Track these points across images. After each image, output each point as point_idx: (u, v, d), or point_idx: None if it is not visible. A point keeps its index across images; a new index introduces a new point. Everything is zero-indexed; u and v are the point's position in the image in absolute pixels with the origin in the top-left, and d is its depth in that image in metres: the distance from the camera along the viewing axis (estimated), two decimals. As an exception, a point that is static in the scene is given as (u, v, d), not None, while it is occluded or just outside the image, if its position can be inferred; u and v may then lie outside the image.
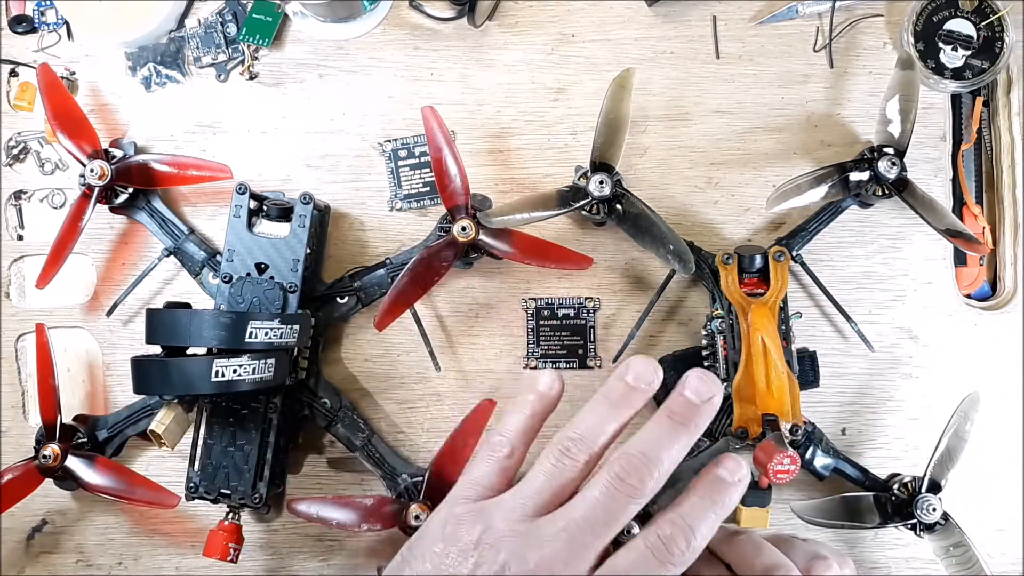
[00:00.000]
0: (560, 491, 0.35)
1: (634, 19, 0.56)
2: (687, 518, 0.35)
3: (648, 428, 0.35)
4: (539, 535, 0.33)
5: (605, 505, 0.34)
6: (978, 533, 0.49)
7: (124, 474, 0.52)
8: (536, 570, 0.33)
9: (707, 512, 0.35)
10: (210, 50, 0.56)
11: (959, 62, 0.55)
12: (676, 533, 0.34)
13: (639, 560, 0.34)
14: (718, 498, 0.35)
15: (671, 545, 0.34)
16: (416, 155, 0.55)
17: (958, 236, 0.51)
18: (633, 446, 0.35)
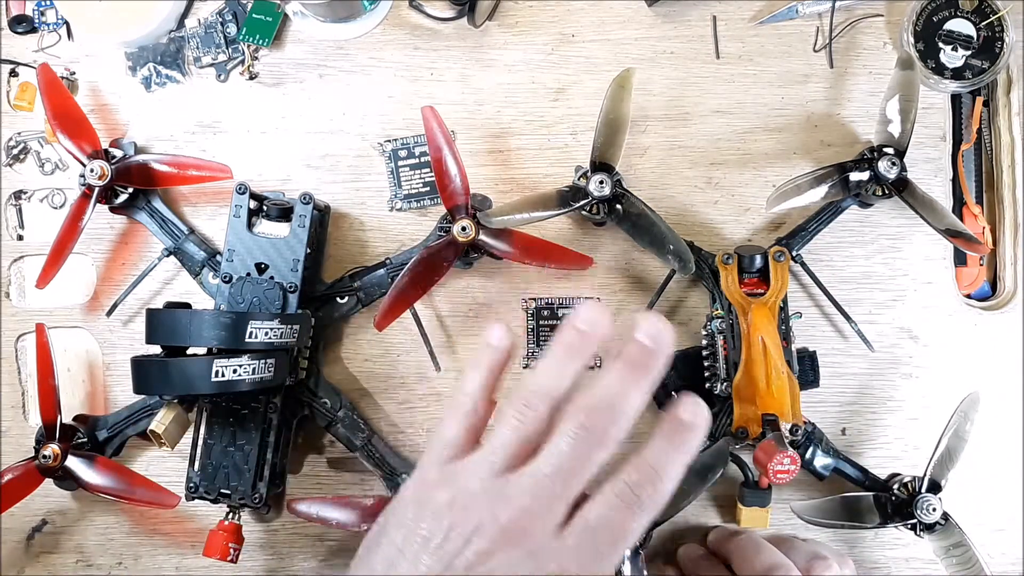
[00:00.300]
0: (526, 444, 0.35)
1: (634, 19, 0.56)
2: (652, 462, 0.35)
3: (606, 376, 0.35)
4: (509, 492, 0.34)
5: (572, 456, 0.34)
6: (978, 533, 0.49)
7: (124, 474, 0.52)
8: (509, 525, 0.33)
9: (671, 455, 0.35)
10: (210, 50, 0.56)
11: (959, 62, 0.55)
12: (643, 478, 0.34)
13: (609, 508, 0.34)
14: (680, 440, 0.35)
15: (638, 490, 0.34)
16: (416, 155, 0.55)
17: (958, 236, 0.51)
18: (595, 395, 0.35)
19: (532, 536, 0.33)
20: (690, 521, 0.54)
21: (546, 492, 0.34)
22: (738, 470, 0.52)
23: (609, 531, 0.34)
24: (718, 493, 0.54)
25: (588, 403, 0.35)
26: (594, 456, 0.34)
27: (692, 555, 0.52)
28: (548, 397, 0.35)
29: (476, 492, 0.34)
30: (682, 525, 0.54)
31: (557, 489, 0.34)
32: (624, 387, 0.35)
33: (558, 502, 0.34)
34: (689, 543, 0.54)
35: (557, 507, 0.34)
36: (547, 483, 0.34)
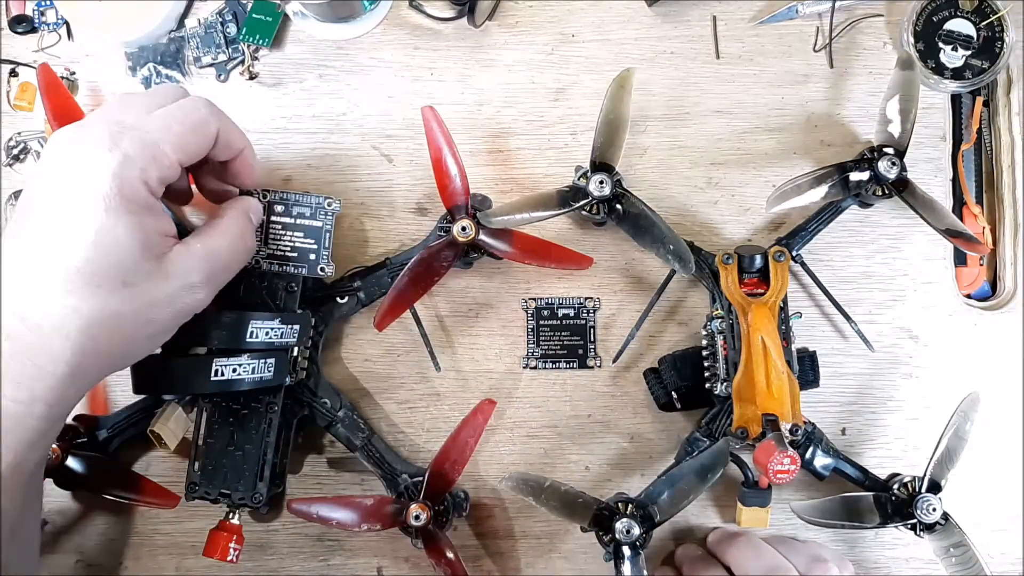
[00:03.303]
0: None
1: (634, 19, 0.56)
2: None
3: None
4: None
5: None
6: (978, 533, 0.49)
7: (124, 474, 0.52)
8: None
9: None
10: (210, 50, 0.56)
11: (959, 62, 0.55)
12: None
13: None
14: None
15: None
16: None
17: (958, 236, 0.51)
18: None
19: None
20: (690, 521, 0.54)
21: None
22: (738, 470, 0.52)
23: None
24: (718, 493, 0.54)
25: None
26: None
27: (690, 556, 0.52)
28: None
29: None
30: (682, 525, 0.54)
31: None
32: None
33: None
34: (688, 544, 0.54)
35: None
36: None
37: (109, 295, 0.38)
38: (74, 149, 0.39)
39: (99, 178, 0.37)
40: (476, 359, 0.55)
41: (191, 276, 0.41)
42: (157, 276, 0.39)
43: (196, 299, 0.42)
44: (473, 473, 0.55)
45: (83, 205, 0.37)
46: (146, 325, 0.40)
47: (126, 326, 0.39)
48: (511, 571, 0.54)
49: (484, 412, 0.51)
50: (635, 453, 0.55)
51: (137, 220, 0.38)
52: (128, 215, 0.38)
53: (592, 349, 0.55)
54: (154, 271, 0.39)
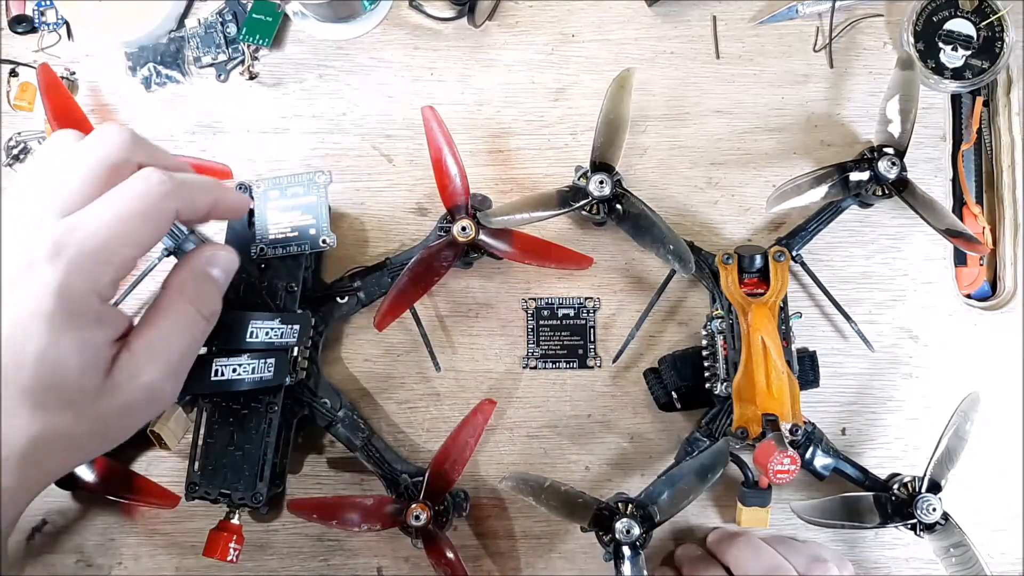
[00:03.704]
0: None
1: (634, 19, 0.56)
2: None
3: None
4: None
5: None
6: (978, 533, 0.49)
7: (124, 474, 0.52)
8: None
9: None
10: (210, 50, 0.56)
11: (959, 62, 0.55)
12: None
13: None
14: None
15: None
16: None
17: (958, 236, 0.51)
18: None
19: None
20: (690, 521, 0.54)
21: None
22: (738, 470, 0.52)
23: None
24: (718, 493, 0.54)
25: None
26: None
27: (690, 556, 0.52)
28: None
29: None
30: (682, 525, 0.54)
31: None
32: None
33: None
34: (687, 544, 0.54)
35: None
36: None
37: (56, 415, 0.35)
38: (11, 264, 0.34)
39: (41, 297, 0.33)
40: (476, 359, 0.55)
41: (142, 379, 0.37)
42: (105, 392, 0.36)
43: (157, 395, 0.38)
44: (473, 473, 0.55)
45: (25, 326, 0.34)
46: (102, 439, 0.38)
47: (80, 441, 0.36)
48: (511, 571, 0.54)
49: (484, 412, 0.51)
50: (635, 453, 0.55)
51: (82, 336, 0.35)
52: (74, 332, 0.34)
53: (592, 349, 0.55)
54: (101, 388, 0.36)
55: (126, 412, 0.37)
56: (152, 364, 0.37)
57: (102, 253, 0.35)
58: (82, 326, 0.35)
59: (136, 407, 0.38)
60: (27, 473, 0.35)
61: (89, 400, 0.36)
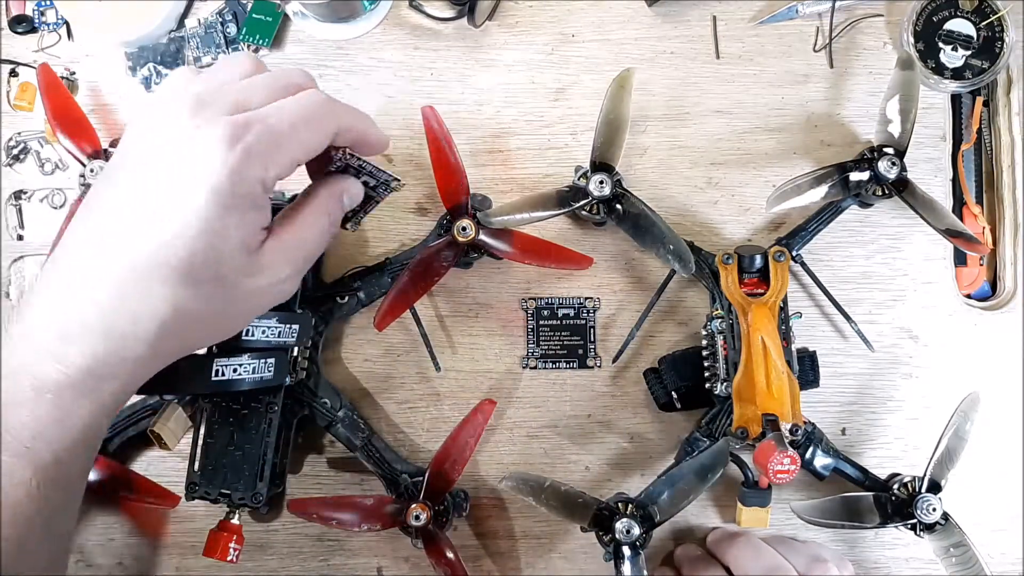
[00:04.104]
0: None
1: (634, 19, 0.56)
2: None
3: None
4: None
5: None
6: (978, 533, 0.49)
7: (124, 474, 0.52)
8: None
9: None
10: (210, 50, 0.56)
11: (959, 62, 0.55)
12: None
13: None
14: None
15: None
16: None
17: (958, 236, 0.51)
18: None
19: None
20: (690, 521, 0.54)
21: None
22: (738, 470, 0.52)
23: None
24: (718, 493, 0.54)
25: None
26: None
27: (690, 556, 0.52)
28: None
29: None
30: (682, 525, 0.54)
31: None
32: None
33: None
34: (687, 544, 0.54)
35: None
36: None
37: (203, 288, 0.37)
38: (189, 137, 0.37)
39: (215, 171, 0.36)
40: (476, 359, 0.55)
41: (282, 270, 0.40)
42: (251, 271, 0.38)
43: (283, 291, 0.41)
44: (473, 473, 0.55)
45: (193, 197, 0.36)
46: (233, 318, 0.40)
47: (212, 317, 0.39)
48: (511, 571, 0.54)
49: (484, 412, 0.51)
50: (635, 453, 0.55)
51: (245, 217, 0.37)
52: (238, 212, 0.37)
53: (592, 349, 0.55)
54: (249, 266, 0.38)
55: (257, 296, 0.40)
56: (292, 260, 0.40)
57: (275, 146, 0.37)
58: (245, 208, 0.37)
59: (266, 294, 0.40)
60: (167, 340, 0.38)
61: (235, 276, 0.38)
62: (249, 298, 0.39)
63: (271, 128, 0.37)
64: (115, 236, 0.37)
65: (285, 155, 0.38)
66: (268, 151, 0.37)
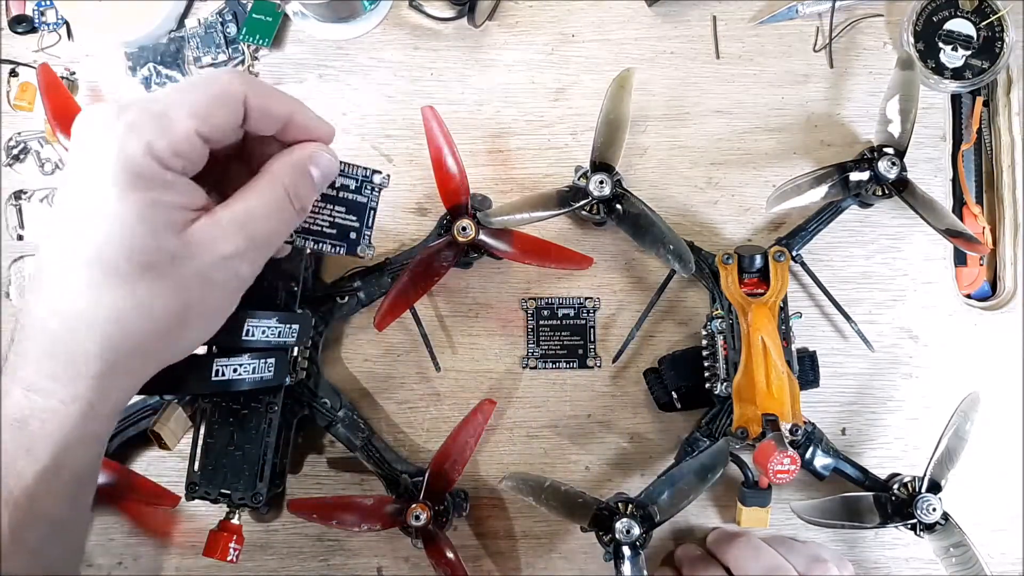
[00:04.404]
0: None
1: (634, 19, 0.56)
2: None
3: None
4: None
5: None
6: (978, 533, 0.49)
7: (124, 474, 0.52)
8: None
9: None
10: (210, 50, 0.56)
11: (959, 62, 0.55)
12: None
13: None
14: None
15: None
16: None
17: (958, 236, 0.51)
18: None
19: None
20: (690, 521, 0.54)
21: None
22: (738, 470, 0.52)
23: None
24: (718, 493, 0.54)
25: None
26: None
27: (690, 556, 0.52)
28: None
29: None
30: (682, 525, 0.54)
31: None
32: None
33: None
34: (687, 544, 0.54)
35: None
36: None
37: (133, 283, 0.34)
38: (83, 129, 0.35)
39: (104, 156, 0.34)
40: (476, 359, 0.55)
41: (221, 248, 0.36)
42: (182, 255, 0.35)
43: (236, 273, 0.37)
44: (473, 473, 0.55)
45: (92, 188, 0.34)
46: (183, 310, 0.36)
47: (159, 313, 0.35)
48: (511, 571, 0.54)
49: (484, 412, 0.51)
50: (635, 453, 0.55)
51: (148, 197, 0.34)
52: (137, 192, 0.34)
53: (592, 349, 0.55)
54: (178, 250, 0.35)
55: (206, 282, 0.36)
56: (234, 236, 0.36)
57: (160, 115, 0.35)
58: (147, 188, 0.34)
59: (215, 279, 0.37)
60: (118, 348, 0.35)
61: (165, 262, 0.35)
62: (196, 285, 0.36)
63: (154, 99, 0.35)
64: (54, 244, 0.35)
65: (178, 126, 0.35)
66: (154, 122, 0.34)
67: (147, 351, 0.37)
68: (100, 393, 0.35)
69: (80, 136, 0.35)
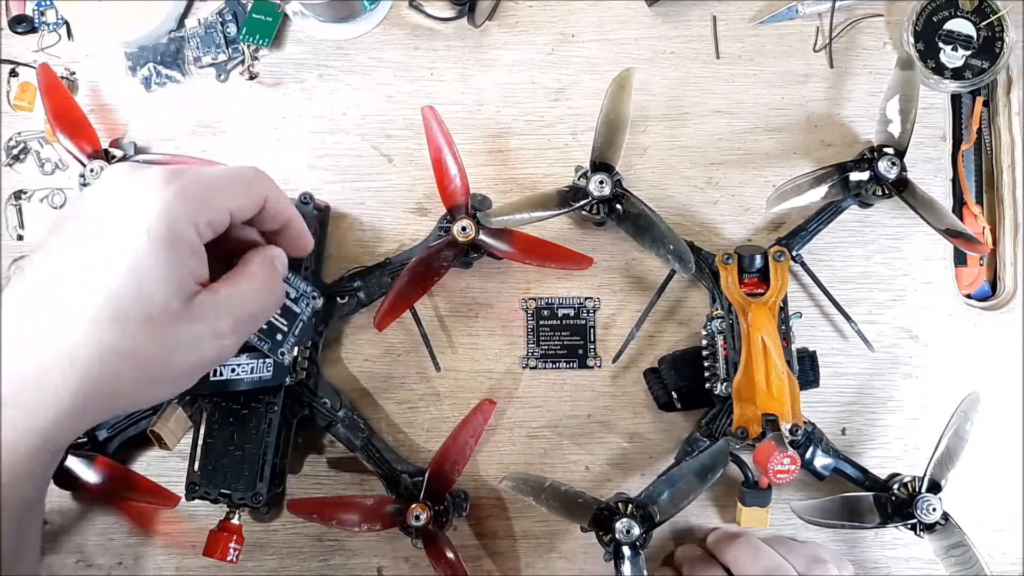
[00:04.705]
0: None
1: (634, 19, 0.56)
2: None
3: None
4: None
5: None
6: (978, 533, 0.49)
7: (124, 474, 0.52)
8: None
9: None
10: (210, 50, 0.56)
11: (959, 62, 0.55)
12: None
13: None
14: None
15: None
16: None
17: (958, 236, 0.51)
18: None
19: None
20: (690, 521, 0.54)
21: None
22: (738, 470, 0.52)
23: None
24: (718, 493, 0.54)
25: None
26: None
27: (690, 556, 0.52)
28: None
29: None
30: (682, 525, 0.54)
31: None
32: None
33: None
34: (687, 544, 0.54)
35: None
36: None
37: (132, 329, 0.36)
38: (126, 181, 0.37)
39: (149, 210, 0.36)
40: (476, 359, 0.55)
41: (218, 322, 0.39)
42: (183, 318, 0.37)
43: (223, 347, 0.40)
44: (473, 473, 0.55)
45: (125, 234, 0.36)
46: (165, 368, 0.38)
47: (143, 364, 0.37)
48: (511, 571, 0.54)
49: (484, 412, 0.51)
50: (635, 453, 0.55)
51: (177, 258, 0.36)
52: (169, 250, 0.36)
53: (592, 349, 0.55)
54: (181, 313, 0.37)
55: (194, 348, 0.38)
56: (228, 314, 0.39)
57: (207, 192, 0.38)
58: (178, 251, 0.37)
59: (204, 347, 0.39)
60: (94, 387, 0.36)
61: (167, 321, 0.37)
62: (184, 347, 0.38)
63: (204, 174, 0.39)
64: (52, 271, 0.36)
65: (218, 204, 0.38)
66: (201, 195, 0.37)
67: (116, 398, 0.37)
68: (59, 428, 0.36)
69: (121, 185, 0.37)
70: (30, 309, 0.36)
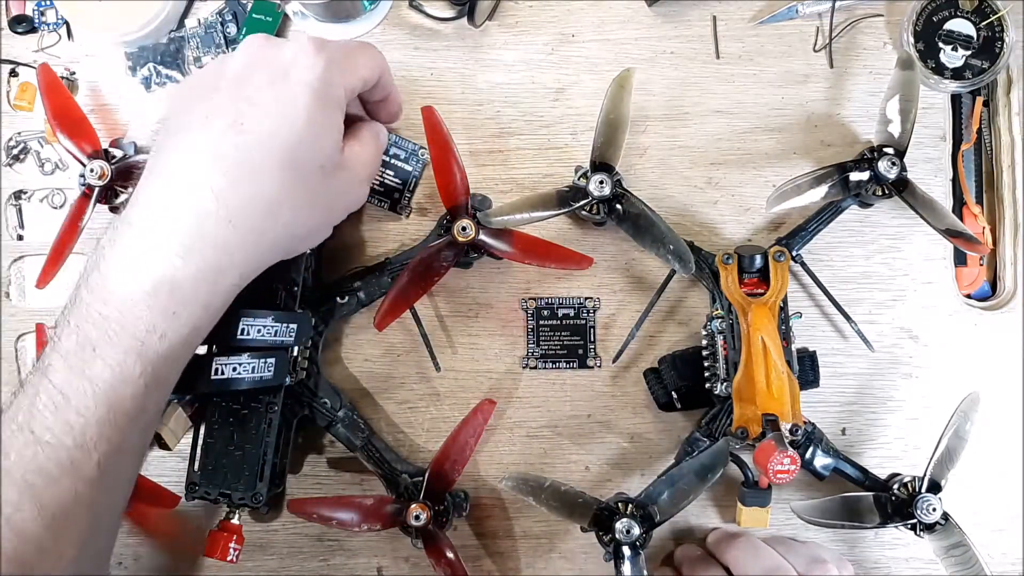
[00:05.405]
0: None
1: (634, 19, 0.56)
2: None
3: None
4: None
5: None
6: (978, 533, 0.49)
7: (124, 474, 0.52)
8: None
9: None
10: (210, 50, 0.56)
11: (959, 62, 0.55)
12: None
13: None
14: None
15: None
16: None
17: (958, 236, 0.51)
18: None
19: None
20: (690, 522, 0.54)
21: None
22: (738, 470, 0.52)
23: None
24: (718, 493, 0.54)
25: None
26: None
27: (690, 556, 0.52)
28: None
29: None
30: (682, 525, 0.54)
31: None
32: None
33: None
34: (687, 544, 0.54)
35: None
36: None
37: (303, 175, 0.42)
38: (282, 48, 0.42)
39: (310, 72, 0.41)
40: (476, 359, 0.55)
41: (361, 171, 0.46)
42: (340, 166, 0.44)
43: (359, 195, 0.48)
44: (473, 473, 0.55)
45: (296, 94, 0.41)
46: (324, 212, 0.45)
47: (309, 205, 0.43)
48: (511, 571, 0.54)
49: (484, 412, 0.51)
50: (635, 453, 0.55)
51: (334, 117, 0.43)
52: (329, 111, 0.42)
53: (592, 349, 0.55)
54: (341, 162, 0.44)
55: (343, 193, 0.46)
56: (361, 162, 0.47)
57: (348, 59, 0.44)
58: (333, 108, 0.43)
59: (349, 192, 0.47)
60: (269, 230, 0.42)
61: (330, 168, 0.43)
62: (338, 193, 0.45)
63: (345, 46, 0.45)
64: (227, 131, 0.40)
65: (356, 70, 0.44)
66: (344, 61, 0.43)
67: (287, 236, 0.43)
68: (247, 267, 0.42)
69: (279, 53, 0.42)
70: (208, 165, 0.40)
